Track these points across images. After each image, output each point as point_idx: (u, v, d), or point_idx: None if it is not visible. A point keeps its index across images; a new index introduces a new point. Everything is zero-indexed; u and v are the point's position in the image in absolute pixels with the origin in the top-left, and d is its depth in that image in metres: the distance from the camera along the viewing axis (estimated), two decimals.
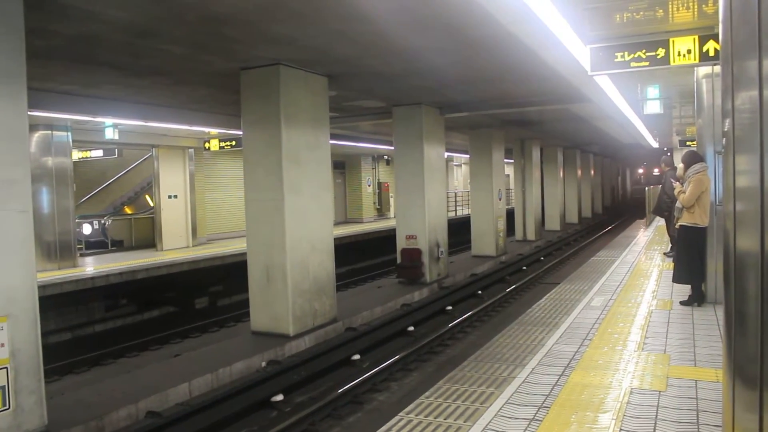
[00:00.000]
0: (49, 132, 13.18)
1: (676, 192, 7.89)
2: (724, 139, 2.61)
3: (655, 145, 30.26)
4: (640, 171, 57.12)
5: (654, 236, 16.24)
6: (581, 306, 7.66)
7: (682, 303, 7.55)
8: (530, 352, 5.70)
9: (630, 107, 15.58)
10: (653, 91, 13.49)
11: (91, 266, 13.10)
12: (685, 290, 7.76)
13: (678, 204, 7.88)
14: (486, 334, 9.77)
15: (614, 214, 39.57)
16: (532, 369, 5.18)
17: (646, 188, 26.78)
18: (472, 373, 5.15)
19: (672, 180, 8.93)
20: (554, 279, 14.63)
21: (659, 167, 16.57)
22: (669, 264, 10.46)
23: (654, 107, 14.18)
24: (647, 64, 7.69)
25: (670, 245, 11.93)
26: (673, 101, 15.78)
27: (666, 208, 11.51)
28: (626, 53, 7.87)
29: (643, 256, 12.29)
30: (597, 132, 22.48)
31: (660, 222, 17.50)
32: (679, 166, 10.81)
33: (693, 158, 7.79)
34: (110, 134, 13.75)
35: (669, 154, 23.06)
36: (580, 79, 9.82)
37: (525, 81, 10.78)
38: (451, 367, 5.70)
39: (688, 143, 26.12)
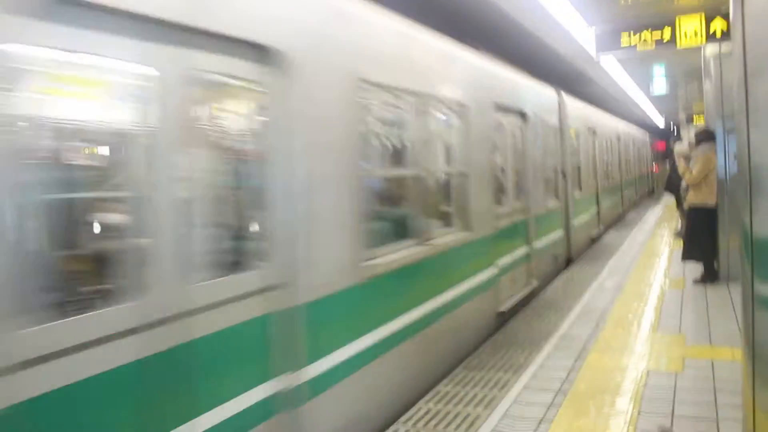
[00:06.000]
0: None
1: (681, 171, 7.84)
2: (737, 117, 2.60)
3: (661, 122, 30.10)
4: None
5: (663, 213, 16.18)
6: (594, 287, 7.65)
7: (695, 282, 7.54)
8: (545, 336, 5.70)
9: (637, 86, 15.52)
10: (659, 70, 13.41)
11: None
12: (697, 269, 7.74)
13: (683, 184, 7.86)
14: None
15: None
16: (548, 353, 5.19)
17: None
18: (488, 358, 5.17)
19: (677, 157, 8.87)
20: None
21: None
22: (680, 242, 10.42)
23: (660, 86, 14.10)
24: (653, 47, 7.66)
25: (679, 222, 11.85)
26: (678, 79, 15.67)
27: (675, 185, 11.42)
28: (631, 32, 7.83)
29: (654, 235, 12.26)
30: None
31: (670, 200, 17.41)
32: (685, 143, 10.78)
33: (703, 136, 7.74)
34: None
35: (677, 135, 21.79)
36: (586, 62, 9.80)
37: (532, 65, 10.74)
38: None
39: (694, 119, 25.93)
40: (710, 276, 7.50)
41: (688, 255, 7.65)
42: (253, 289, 2.94)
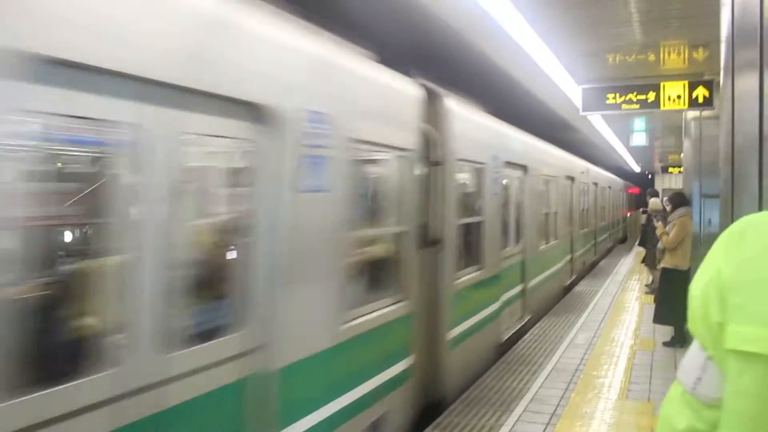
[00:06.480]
0: None
1: (658, 233, 7.99)
2: (723, 184, 2.65)
3: (637, 169, 30.67)
4: None
5: (635, 264, 16.39)
6: (566, 343, 7.70)
7: (665, 344, 7.63)
8: (516, 396, 5.71)
9: (615, 135, 15.82)
10: (640, 123, 13.68)
11: None
12: (667, 329, 7.83)
13: (659, 245, 7.99)
14: None
15: None
16: (519, 416, 5.19)
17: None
18: (459, 419, 5.15)
19: (654, 218, 9.05)
20: None
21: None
22: (651, 297, 10.54)
23: (640, 139, 14.40)
24: (638, 107, 7.84)
25: (651, 277, 11.99)
26: (658, 133, 16.07)
27: (650, 242, 11.58)
28: (617, 95, 8.00)
29: (625, 287, 12.41)
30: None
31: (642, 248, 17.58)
32: (655, 200, 11.00)
33: (679, 200, 7.91)
34: None
35: (653, 187, 21.68)
36: (572, 115, 9.97)
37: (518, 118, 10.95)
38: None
39: (669, 169, 26.52)
40: (680, 339, 7.59)
41: (659, 319, 7.76)
42: None
